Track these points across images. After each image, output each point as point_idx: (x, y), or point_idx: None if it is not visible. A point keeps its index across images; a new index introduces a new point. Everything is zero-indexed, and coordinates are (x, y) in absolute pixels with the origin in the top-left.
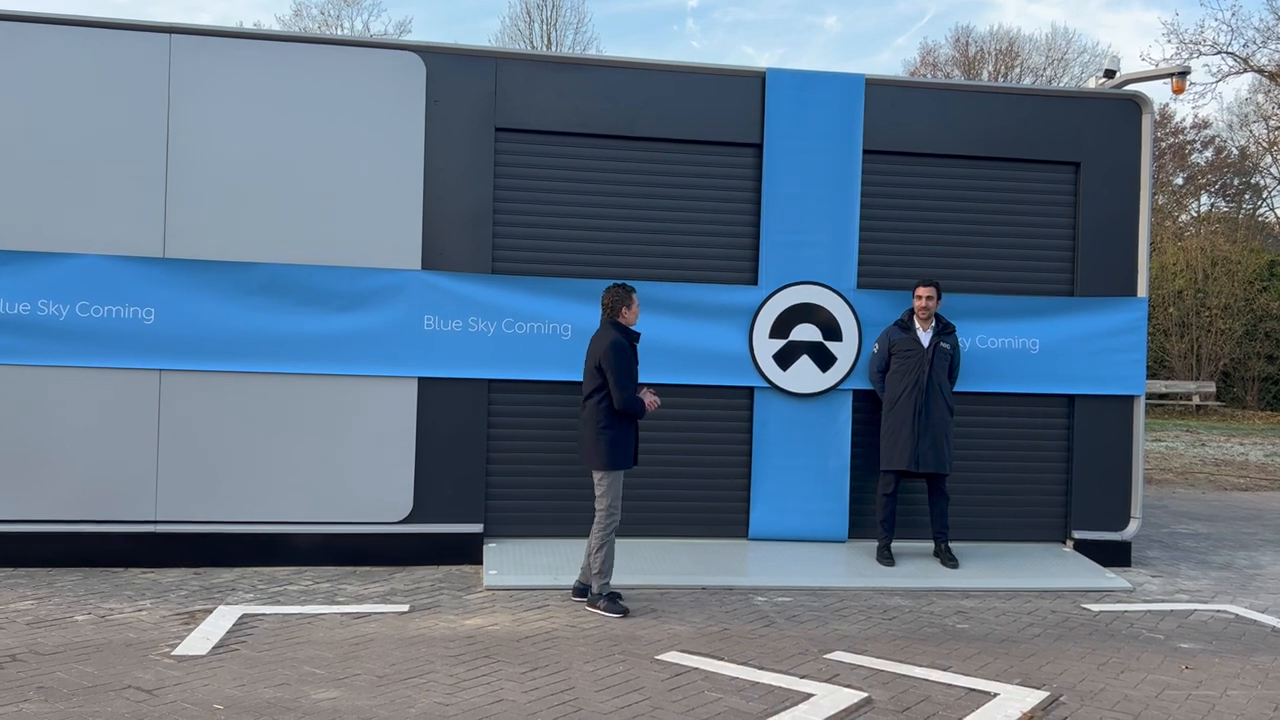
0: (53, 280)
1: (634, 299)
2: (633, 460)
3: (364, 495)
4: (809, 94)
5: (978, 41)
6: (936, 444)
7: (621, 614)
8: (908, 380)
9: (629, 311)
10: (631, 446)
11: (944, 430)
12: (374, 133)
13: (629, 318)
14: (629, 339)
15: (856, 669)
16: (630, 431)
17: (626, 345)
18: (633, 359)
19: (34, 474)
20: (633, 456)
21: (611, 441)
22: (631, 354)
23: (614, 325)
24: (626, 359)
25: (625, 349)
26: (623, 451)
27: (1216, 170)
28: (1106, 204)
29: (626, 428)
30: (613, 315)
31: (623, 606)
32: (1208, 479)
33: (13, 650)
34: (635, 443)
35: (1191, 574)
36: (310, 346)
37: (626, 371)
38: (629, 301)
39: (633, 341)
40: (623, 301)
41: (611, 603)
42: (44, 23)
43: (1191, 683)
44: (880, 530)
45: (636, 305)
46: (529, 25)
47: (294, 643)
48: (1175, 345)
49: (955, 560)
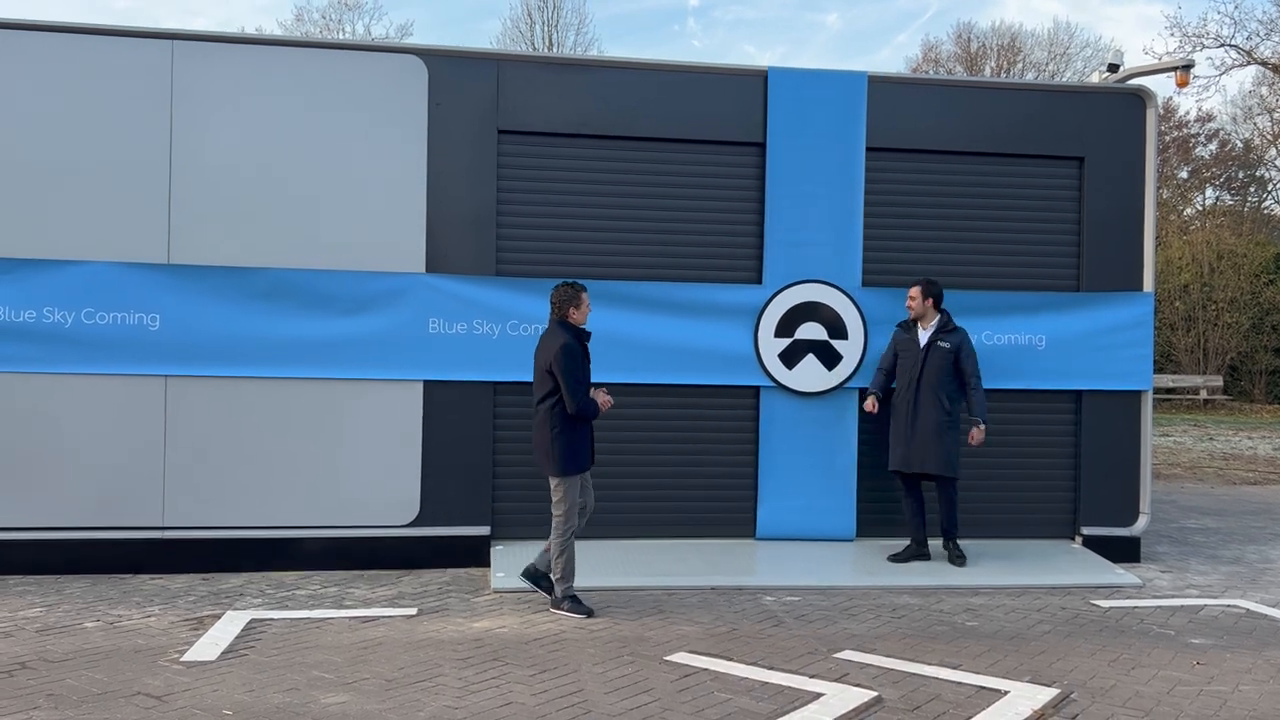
0: (58, 288)
1: (584, 297)
2: (589, 462)
3: (370, 499)
4: (811, 92)
5: (980, 37)
6: (926, 444)
7: (586, 614)
8: (903, 380)
9: (578, 311)
10: (587, 449)
11: (935, 431)
12: (377, 136)
13: (578, 317)
14: (579, 339)
15: (866, 668)
16: (585, 434)
17: (577, 347)
18: (584, 361)
19: (41, 481)
20: (589, 458)
21: (566, 446)
22: (583, 355)
23: (563, 326)
24: (578, 362)
25: (576, 351)
26: (578, 456)
27: (1221, 163)
28: (1111, 199)
29: (582, 431)
30: (561, 315)
31: (587, 607)
32: (1216, 473)
33: (22, 658)
34: (591, 444)
35: (1201, 569)
36: (315, 351)
37: (578, 375)
38: (578, 301)
39: (583, 342)
40: (571, 301)
41: (576, 604)
42: (47, 31)
43: (1203, 678)
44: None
45: (586, 304)
46: (530, 27)
47: (302, 647)
48: (1182, 339)
49: (963, 557)
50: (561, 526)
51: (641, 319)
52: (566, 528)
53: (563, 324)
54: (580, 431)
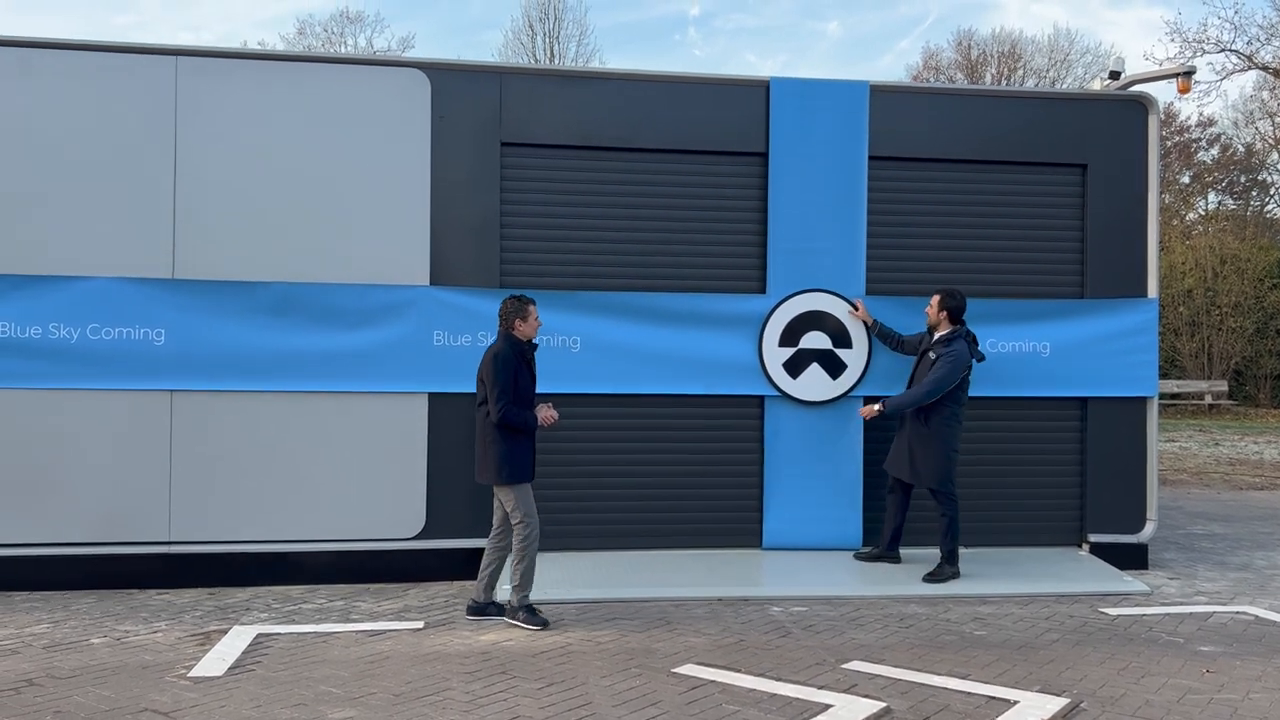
0: (64, 303)
1: (530, 310)
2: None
3: (376, 512)
4: (813, 102)
5: (980, 44)
6: (902, 452)
7: (541, 625)
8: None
9: (524, 324)
10: (528, 458)
11: (915, 440)
12: (380, 150)
13: (524, 329)
14: (518, 350)
15: (875, 678)
16: (524, 444)
17: (511, 356)
18: (519, 371)
19: (48, 497)
20: (530, 469)
21: (503, 455)
22: (519, 365)
23: (506, 338)
24: (508, 371)
25: (509, 360)
26: (518, 464)
27: (1223, 168)
28: (1114, 205)
29: (520, 440)
30: (507, 327)
31: (542, 619)
32: (1223, 479)
33: (29, 675)
34: (533, 455)
35: (1209, 575)
36: (320, 364)
37: (504, 384)
38: (524, 313)
39: (524, 353)
40: (516, 313)
41: (531, 614)
42: (53, 48)
43: (1213, 686)
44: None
45: (534, 317)
46: (531, 38)
47: (310, 662)
48: (1186, 344)
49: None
50: (521, 533)
51: (645, 329)
52: (525, 534)
53: (507, 336)
54: (518, 441)
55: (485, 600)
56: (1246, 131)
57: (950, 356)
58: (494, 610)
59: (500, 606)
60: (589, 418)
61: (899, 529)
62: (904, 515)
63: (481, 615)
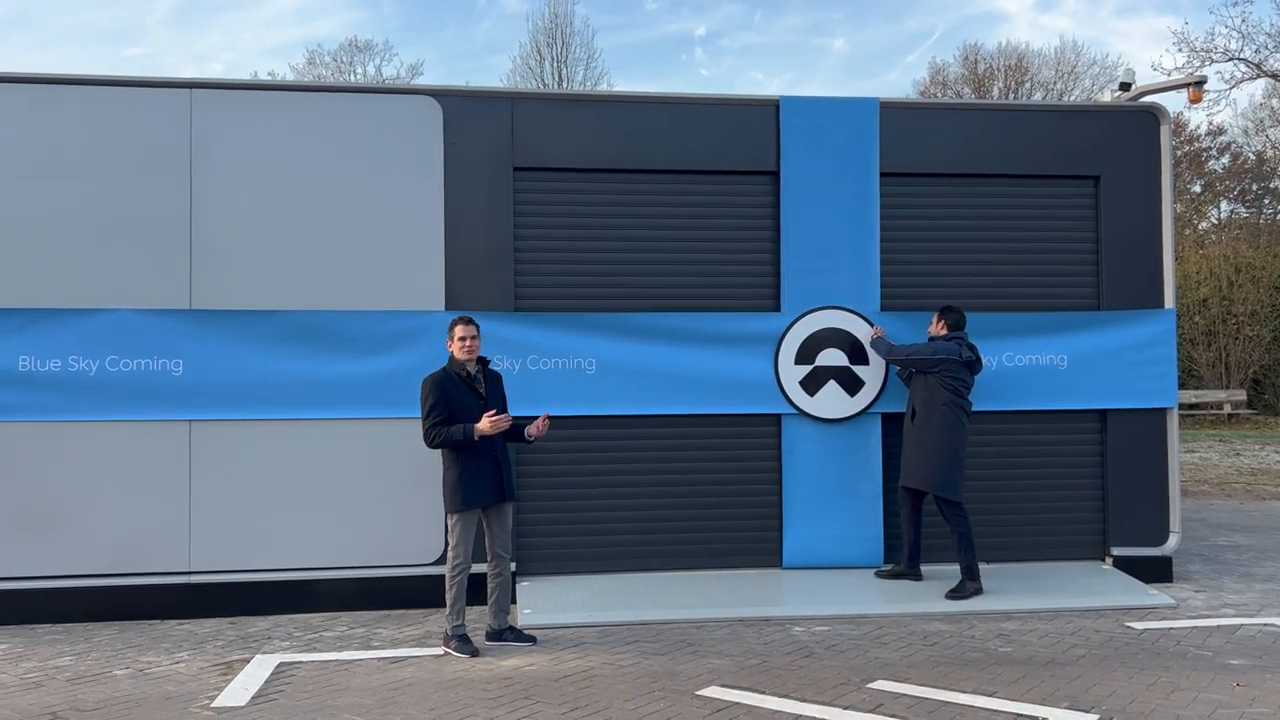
0: (82, 336)
1: (454, 330)
2: (489, 497)
3: (396, 538)
4: (823, 120)
5: (986, 58)
6: (908, 458)
7: (471, 654)
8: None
9: (451, 344)
10: (475, 485)
11: (917, 441)
12: (393, 178)
13: (452, 349)
14: (447, 372)
15: (900, 698)
16: (474, 469)
17: (441, 379)
18: (451, 392)
19: (69, 529)
20: (486, 493)
21: (452, 482)
22: (449, 386)
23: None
24: (433, 394)
25: (437, 383)
26: (465, 492)
27: (1234, 176)
28: (1128, 216)
29: (472, 465)
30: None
31: (473, 648)
32: (1245, 488)
33: (54, 708)
34: (492, 479)
35: (1236, 587)
36: (337, 392)
37: (428, 408)
38: (450, 334)
39: (456, 373)
40: (448, 335)
41: (462, 643)
42: (69, 84)
43: (1244, 700)
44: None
45: (457, 336)
46: (539, 62)
47: (332, 690)
48: (1203, 354)
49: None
50: (450, 562)
51: (660, 350)
52: (454, 562)
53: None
54: (470, 466)
55: (501, 625)
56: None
57: (935, 342)
58: (511, 635)
59: (517, 631)
60: (605, 440)
61: (916, 543)
62: (919, 529)
63: (500, 641)
